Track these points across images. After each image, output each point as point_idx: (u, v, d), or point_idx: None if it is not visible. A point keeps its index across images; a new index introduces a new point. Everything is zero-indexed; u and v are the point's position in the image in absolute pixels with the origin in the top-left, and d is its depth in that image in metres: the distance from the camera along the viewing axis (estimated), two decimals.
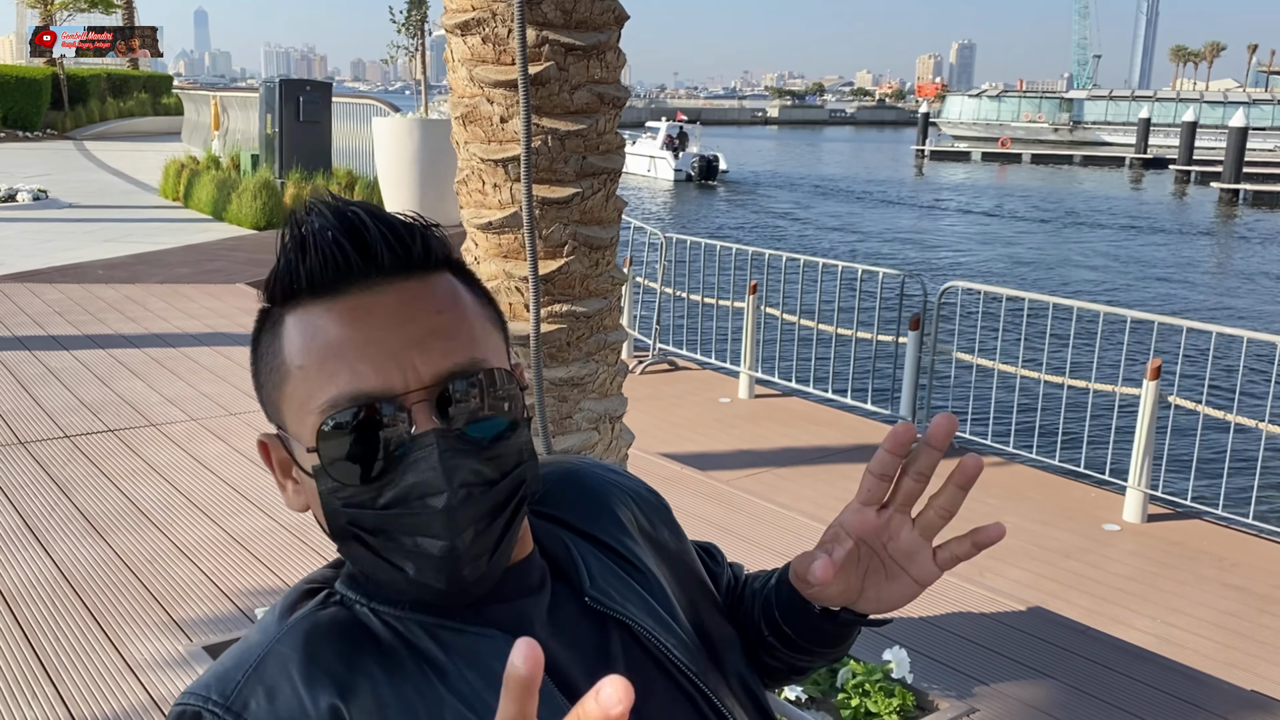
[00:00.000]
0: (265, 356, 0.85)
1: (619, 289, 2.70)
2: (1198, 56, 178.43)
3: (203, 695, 0.80)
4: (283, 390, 0.83)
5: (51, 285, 8.99)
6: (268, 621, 0.86)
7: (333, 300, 0.81)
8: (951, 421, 0.83)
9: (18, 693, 3.04)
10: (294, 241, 0.82)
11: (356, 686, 0.80)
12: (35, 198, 14.31)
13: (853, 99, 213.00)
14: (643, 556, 0.98)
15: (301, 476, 0.85)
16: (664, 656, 0.91)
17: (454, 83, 2.59)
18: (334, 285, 0.81)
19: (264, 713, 0.79)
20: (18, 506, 4.36)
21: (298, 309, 0.82)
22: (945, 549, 0.88)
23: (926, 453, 0.85)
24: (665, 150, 43.08)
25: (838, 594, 0.93)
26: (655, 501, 1.06)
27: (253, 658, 0.82)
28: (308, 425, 0.80)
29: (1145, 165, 58.93)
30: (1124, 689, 3.42)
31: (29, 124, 27.26)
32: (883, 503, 0.88)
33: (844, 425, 7.29)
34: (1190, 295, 21.31)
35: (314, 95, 13.71)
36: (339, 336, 0.80)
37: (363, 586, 0.87)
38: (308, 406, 0.80)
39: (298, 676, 0.80)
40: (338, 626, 0.84)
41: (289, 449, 0.85)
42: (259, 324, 0.87)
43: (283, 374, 0.82)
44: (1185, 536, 5.59)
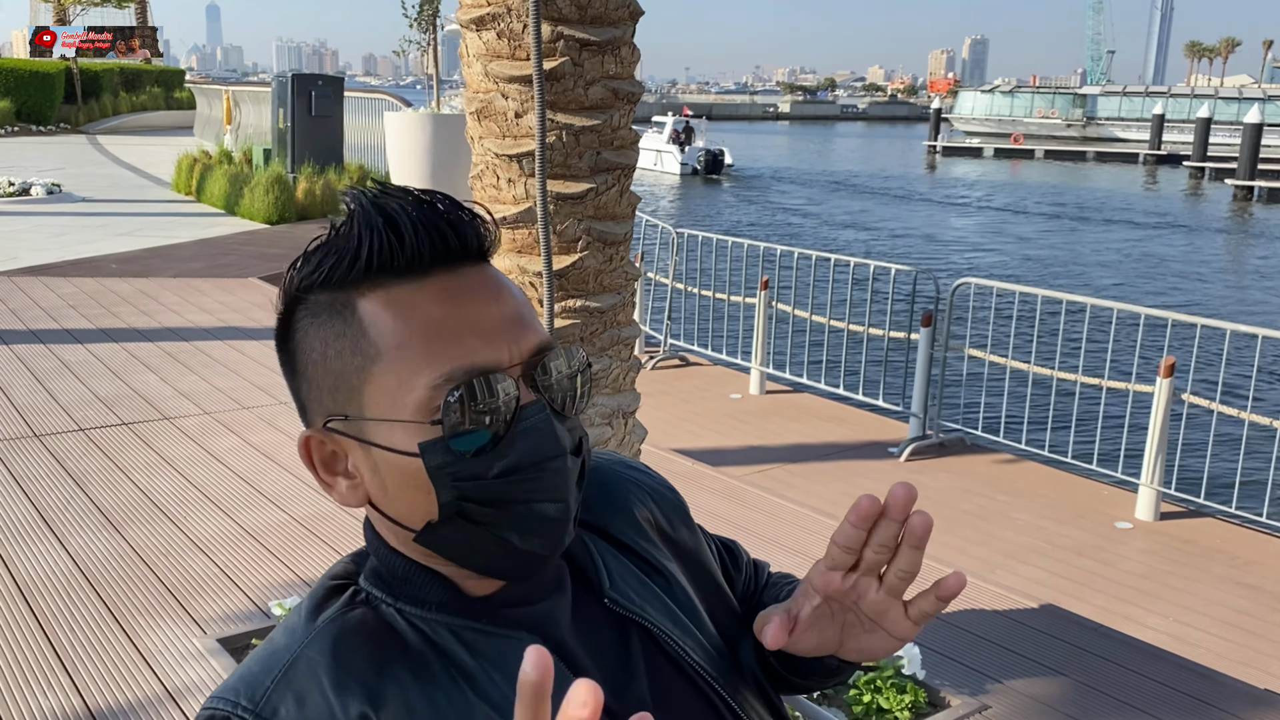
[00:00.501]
0: (332, 343, 0.81)
1: (632, 284, 2.70)
2: (1213, 52, 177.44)
3: (231, 700, 0.80)
4: (369, 372, 0.80)
5: (65, 279, 9.03)
6: (294, 623, 0.85)
7: (421, 281, 0.80)
8: (910, 491, 0.82)
9: (34, 683, 3.06)
10: (379, 221, 0.80)
11: (386, 693, 0.79)
12: (49, 192, 14.37)
13: (865, 94, 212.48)
14: (661, 558, 0.98)
15: (376, 465, 0.82)
16: (683, 660, 0.91)
17: (469, 78, 2.60)
18: (423, 267, 0.81)
19: (294, 719, 0.78)
20: (33, 499, 4.39)
21: (377, 290, 0.80)
22: (914, 606, 0.87)
23: (886, 525, 0.84)
24: (672, 144, 43.66)
25: (816, 645, 0.92)
26: (673, 499, 1.06)
27: (281, 662, 0.81)
28: (412, 402, 0.78)
29: (1159, 162, 58.67)
30: (1136, 687, 3.41)
31: (43, 118, 27.38)
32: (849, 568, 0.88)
33: (855, 422, 7.28)
34: (1204, 292, 21.22)
35: (326, 90, 13.73)
36: (442, 315, 0.80)
37: (388, 584, 0.86)
38: (413, 383, 0.78)
39: (327, 683, 0.79)
40: (366, 630, 0.83)
41: (361, 437, 0.82)
42: (299, 307, 0.83)
43: (370, 356, 0.80)
44: (1198, 534, 5.57)
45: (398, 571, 0.86)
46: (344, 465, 0.85)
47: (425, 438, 0.78)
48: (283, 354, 0.86)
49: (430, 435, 0.78)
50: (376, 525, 0.88)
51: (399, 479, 0.81)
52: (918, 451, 6.52)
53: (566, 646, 0.86)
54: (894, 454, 6.53)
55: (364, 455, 0.82)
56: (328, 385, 0.82)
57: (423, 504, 0.81)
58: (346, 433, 0.82)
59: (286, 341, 0.85)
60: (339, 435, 0.83)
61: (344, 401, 0.82)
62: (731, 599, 1.05)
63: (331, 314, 0.81)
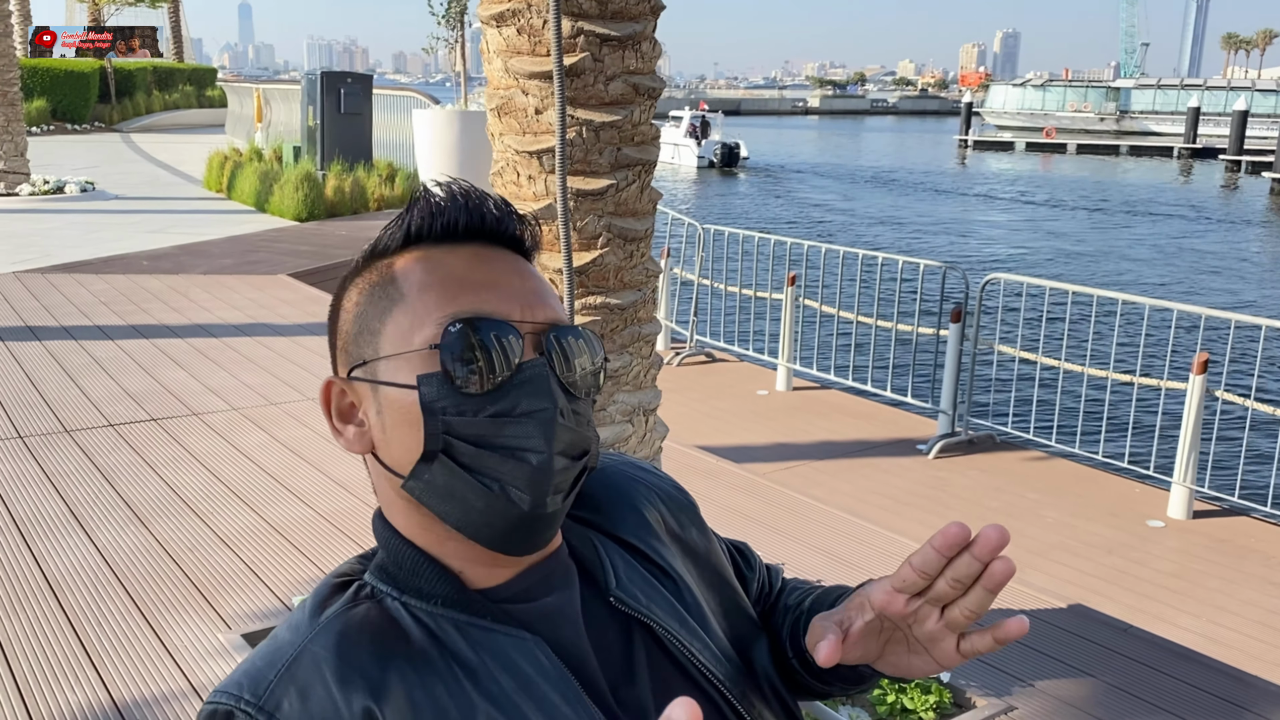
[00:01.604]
0: (365, 294, 0.88)
1: (654, 281, 2.69)
2: (1250, 44, 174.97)
3: (234, 694, 0.80)
4: (390, 314, 0.85)
5: (98, 276, 9.13)
6: (298, 619, 0.86)
7: (455, 246, 0.87)
8: (1004, 536, 0.81)
9: (61, 677, 3.09)
10: (439, 194, 0.88)
11: (390, 687, 0.80)
12: (83, 190, 14.54)
13: (895, 88, 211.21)
14: (670, 559, 0.97)
15: (380, 406, 0.85)
16: (688, 661, 0.90)
17: (489, 74, 2.59)
18: (462, 237, 0.88)
19: (297, 713, 0.78)
20: (63, 494, 4.44)
21: (415, 251, 0.87)
22: (968, 641, 0.86)
23: (969, 561, 0.82)
24: (688, 138, 44.52)
25: (856, 657, 0.91)
26: (683, 500, 1.05)
27: (285, 657, 0.82)
28: (420, 336, 0.83)
29: (1194, 155, 57.92)
30: (1167, 689, 3.36)
31: (78, 117, 27.72)
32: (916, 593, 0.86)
33: (883, 419, 7.23)
34: (1239, 288, 20.93)
35: (355, 87, 13.80)
36: (464, 271, 0.86)
37: (394, 578, 0.87)
38: (424, 320, 0.83)
39: (331, 677, 0.80)
40: (370, 625, 0.84)
41: (373, 379, 0.85)
42: (355, 277, 0.90)
43: (393, 300, 0.85)
44: (1232, 534, 5.49)
45: (404, 563, 0.87)
46: (358, 415, 0.88)
47: (425, 370, 0.82)
48: (330, 321, 0.93)
49: (430, 369, 0.82)
50: (384, 493, 0.89)
51: (396, 415, 0.84)
52: (946, 449, 6.47)
53: (568, 645, 0.86)
54: (922, 451, 6.48)
55: (373, 400, 0.86)
56: (354, 332, 0.87)
57: (410, 440, 0.83)
58: (362, 377, 0.86)
59: (335, 307, 0.92)
60: (357, 383, 0.87)
61: (364, 345, 0.86)
62: (744, 600, 1.04)
63: (372, 273, 0.88)
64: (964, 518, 0.88)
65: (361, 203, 13.27)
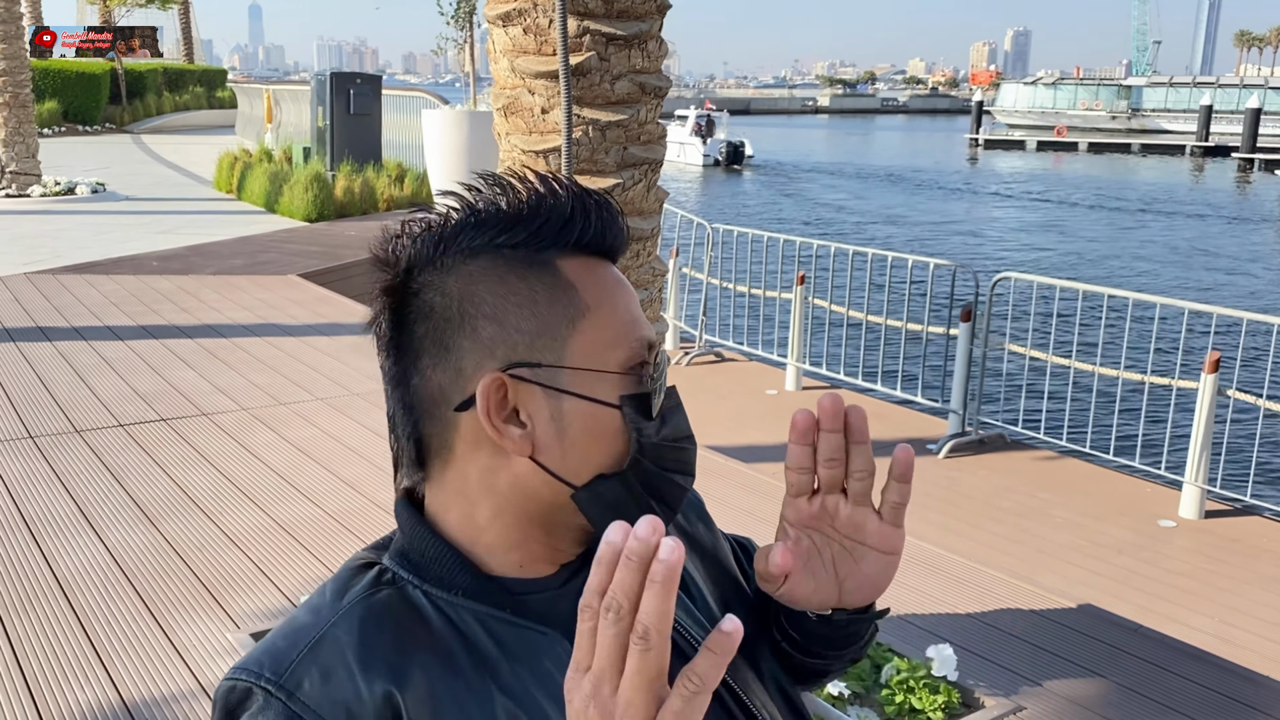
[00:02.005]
0: (541, 292, 0.85)
1: (660, 280, 2.68)
2: (1263, 41, 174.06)
3: (254, 672, 0.80)
4: (579, 325, 0.84)
5: (108, 276, 9.17)
6: (318, 602, 0.85)
7: (602, 262, 0.89)
8: (837, 401, 0.88)
9: (71, 676, 3.10)
10: (591, 203, 0.88)
11: (411, 675, 0.79)
12: (93, 190, 14.59)
13: (905, 87, 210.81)
14: (687, 565, 0.98)
15: (559, 414, 0.83)
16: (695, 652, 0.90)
17: (495, 74, 2.59)
18: (606, 251, 0.89)
19: (317, 693, 0.78)
20: (73, 494, 4.45)
21: (578, 258, 0.87)
22: (883, 504, 0.91)
23: (826, 438, 0.89)
24: (694, 136, 44.89)
25: (813, 593, 0.93)
26: (691, 496, 1.05)
27: (307, 639, 0.81)
28: (615, 359, 0.85)
29: (1207, 153, 57.65)
30: (1177, 689, 3.34)
31: (89, 118, 27.84)
32: (811, 490, 0.92)
33: (893, 418, 7.21)
34: (1252, 287, 20.82)
35: (364, 88, 13.83)
36: (623, 293, 0.88)
37: (415, 566, 0.86)
38: (620, 342, 0.85)
39: (353, 661, 0.79)
40: (392, 611, 0.83)
41: (553, 385, 0.83)
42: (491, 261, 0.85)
43: (580, 309, 0.85)
44: (1244, 533, 5.46)
45: (427, 551, 0.86)
46: (520, 417, 0.84)
47: (625, 391, 0.85)
48: (431, 297, 0.85)
49: (628, 390, 0.85)
50: (469, 486, 0.86)
51: (585, 428, 0.83)
52: (957, 448, 6.45)
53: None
54: (932, 451, 6.46)
55: (545, 404, 0.83)
56: (530, 330, 0.84)
57: (600, 455, 0.84)
58: (535, 380, 0.84)
59: (428, 289, 0.85)
60: (523, 382, 0.84)
61: (543, 349, 0.84)
62: (749, 597, 1.04)
63: (530, 267, 0.85)
64: (975, 517, 0.91)
65: (371, 203, 13.29)
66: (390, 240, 0.87)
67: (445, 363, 0.85)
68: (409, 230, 0.87)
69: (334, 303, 8.46)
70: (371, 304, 0.89)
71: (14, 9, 14.34)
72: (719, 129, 48.29)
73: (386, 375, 0.89)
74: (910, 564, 4.17)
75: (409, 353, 0.86)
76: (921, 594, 3.87)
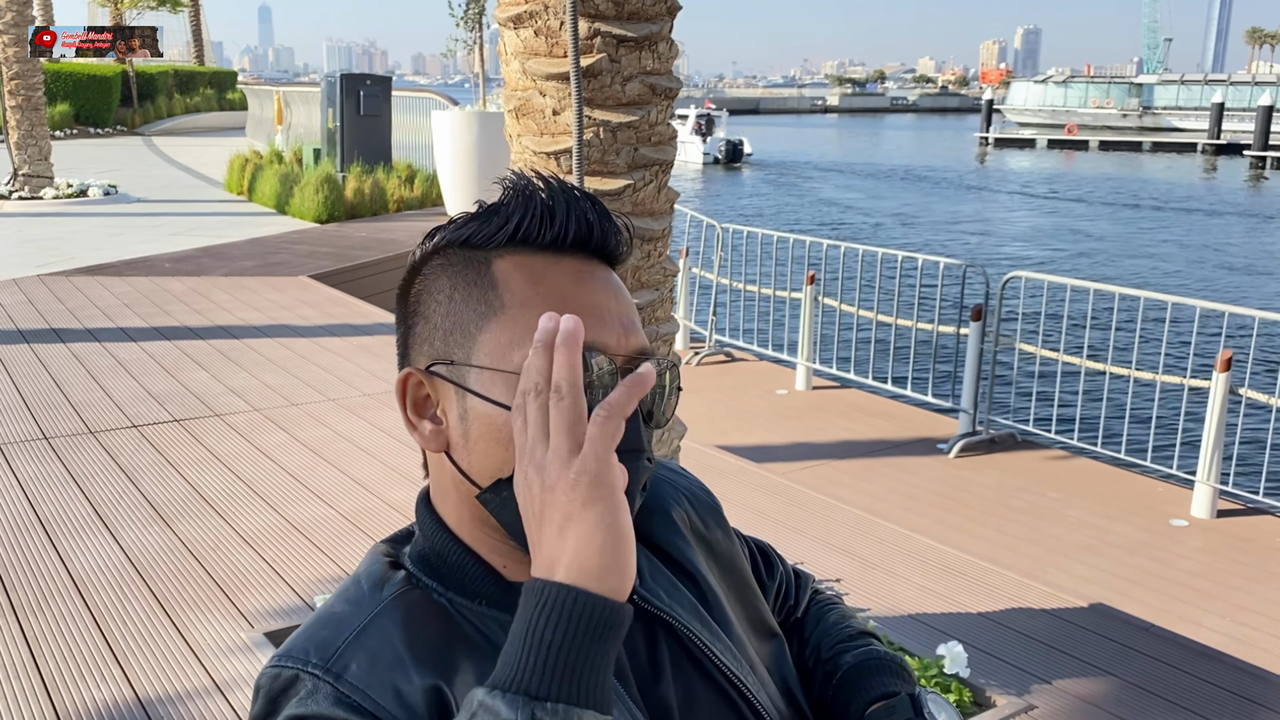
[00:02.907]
0: (461, 288, 0.85)
1: (671, 280, 2.69)
2: (1275, 38, 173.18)
3: (300, 659, 0.80)
4: (489, 322, 0.83)
5: (121, 278, 9.22)
6: (356, 594, 0.86)
7: (557, 258, 0.85)
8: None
9: (87, 674, 3.13)
10: (536, 197, 0.85)
11: (459, 668, 0.80)
12: (105, 193, 14.66)
13: (915, 86, 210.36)
14: (695, 561, 0.98)
15: (466, 413, 0.83)
16: (709, 661, 0.91)
17: (507, 76, 2.60)
18: (561, 247, 0.86)
19: (366, 674, 0.78)
20: (88, 495, 4.48)
21: (515, 256, 0.85)
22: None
23: None
24: (694, 135, 45.62)
25: None
26: (709, 501, 1.06)
27: (353, 626, 0.82)
28: (519, 358, 0.81)
29: (1218, 151, 57.37)
30: (1189, 688, 3.34)
31: (100, 121, 27.98)
32: None
33: (903, 418, 7.21)
34: (1265, 285, 20.73)
35: (374, 89, 13.86)
36: (569, 289, 0.84)
37: (438, 572, 0.87)
38: (525, 340, 0.81)
39: (402, 648, 0.80)
40: (433, 608, 0.84)
41: (460, 383, 0.84)
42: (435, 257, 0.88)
43: (494, 307, 0.83)
44: (1257, 533, 5.45)
45: (449, 558, 0.87)
46: (433, 410, 0.86)
47: None
48: (402, 300, 0.90)
49: None
50: (440, 481, 0.88)
51: (483, 429, 0.82)
52: (968, 448, 6.44)
53: None
54: (943, 450, 6.45)
55: (456, 402, 0.84)
56: (445, 327, 0.85)
57: (498, 459, 0.82)
58: (447, 377, 0.84)
59: (409, 288, 0.89)
60: (439, 379, 0.85)
61: (455, 346, 0.84)
62: (765, 606, 1.04)
63: (467, 266, 0.85)
64: (986, 517, 0.92)
65: (381, 204, 13.32)
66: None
67: (405, 355, 0.90)
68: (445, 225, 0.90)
69: (345, 304, 8.49)
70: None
71: (26, 13, 14.42)
72: (718, 128, 49.34)
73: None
74: (922, 563, 4.17)
75: (398, 338, 0.92)
76: (933, 593, 3.88)
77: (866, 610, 3.50)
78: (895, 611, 3.68)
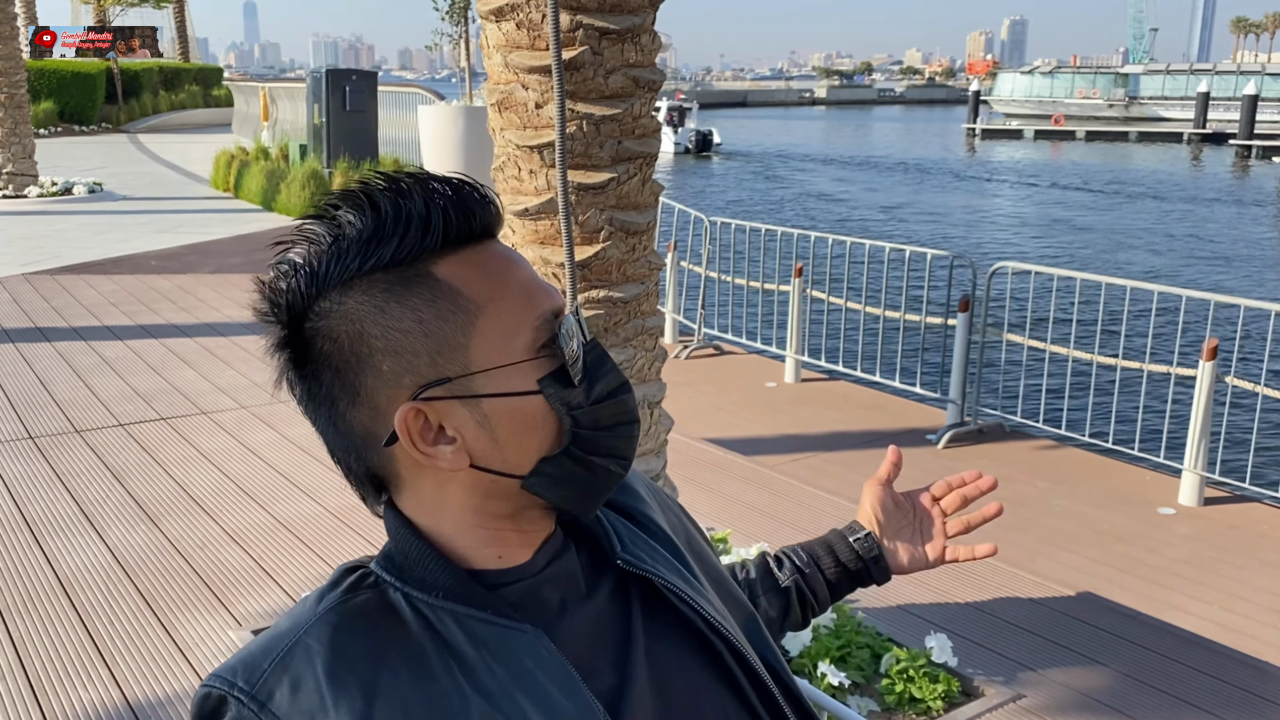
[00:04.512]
0: (424, 309, 0.81)
1: (656, 274, 2.68)
2: (1259, 28, 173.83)
3: (229, 680, 0.80)
4: (475, 327, 0.82)
5: (106, 276, 9.17)
6: (300, 609, 0.86)
7: (480, 247, 0.86)
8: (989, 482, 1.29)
9: (74, 675, 3.11)
10: (445, 197, 0.84)
11: (382, 688, 0.80)
12: (91, 190, 14.58)
13: (902, 78, 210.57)
14: (665, 527, 1.01)
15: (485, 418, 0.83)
16: (693, 611, 0.93)
17: (489, 69, 2.59)
18: (478, 236, 0.86)
19: (287, 705, 0.79)
20: (74, 494, 4.46)
21: (450, 257, 0.84)
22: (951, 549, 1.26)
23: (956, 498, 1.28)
24: (666, 126, 47.06)
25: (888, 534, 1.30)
26: (656, 486, 1.11)
27: (280, 647, 0.82)
28: (520, 345, 0.83)
29: (1204, 141, 57.58)
30: (1176, 675, 3.35)
31: (85, 118, 27.79)
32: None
33: (892, 409, 7.22)
34: (1250, 273, 20.82)
35: (359, 84, 13.79)
36: (512, 271, 0.86)
37: (400, 568, 0.87)
38: (518, 328, 0.83)
39: (321, 673, 0.80)
40: (367, 616, 0.84)
41: (467, 394, 0.82)
42: (358, 298, 0.82)
43: (471, 312, 0.82)
44: (1243, 520, 5.47)
45: (410, 553, 0.86)
46: (447, 434, 0.84)
47: (540, 374, 0.84)
48: (314, 359, 0.84)
49: (544, 371, 0.84)
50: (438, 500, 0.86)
51: (514, 423, 0.83)
52: (956, 438, 6.45)
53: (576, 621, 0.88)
54: (932, 441, 6.46)
55: (467, 414, 0.83)
56: (427, 351, 0.82)
57: (536, 442, 0.84)
58: (449, 395, 0.83)
59: (317, 341, 0.83)
60: (438, 401, 0.83)
61: (446, 363, 0.82)
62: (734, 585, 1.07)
63: (406, 287, 0.82)
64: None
65: None
66: (267, 291, 0.85)
67: (360, 404, 0.84)
68: (282, 277, 0.84)
69: None
70: (271, 360, 0.87)
71: (8, 9, 14.32)
72: (689, 119, 51.64)
73: (312, 423, 0.88)
74: None
75: (325, 402, 0.85)
76: (921, 584, 3.88)
77: (855, 601, 3.50)
78: (883, 602, 3.69)
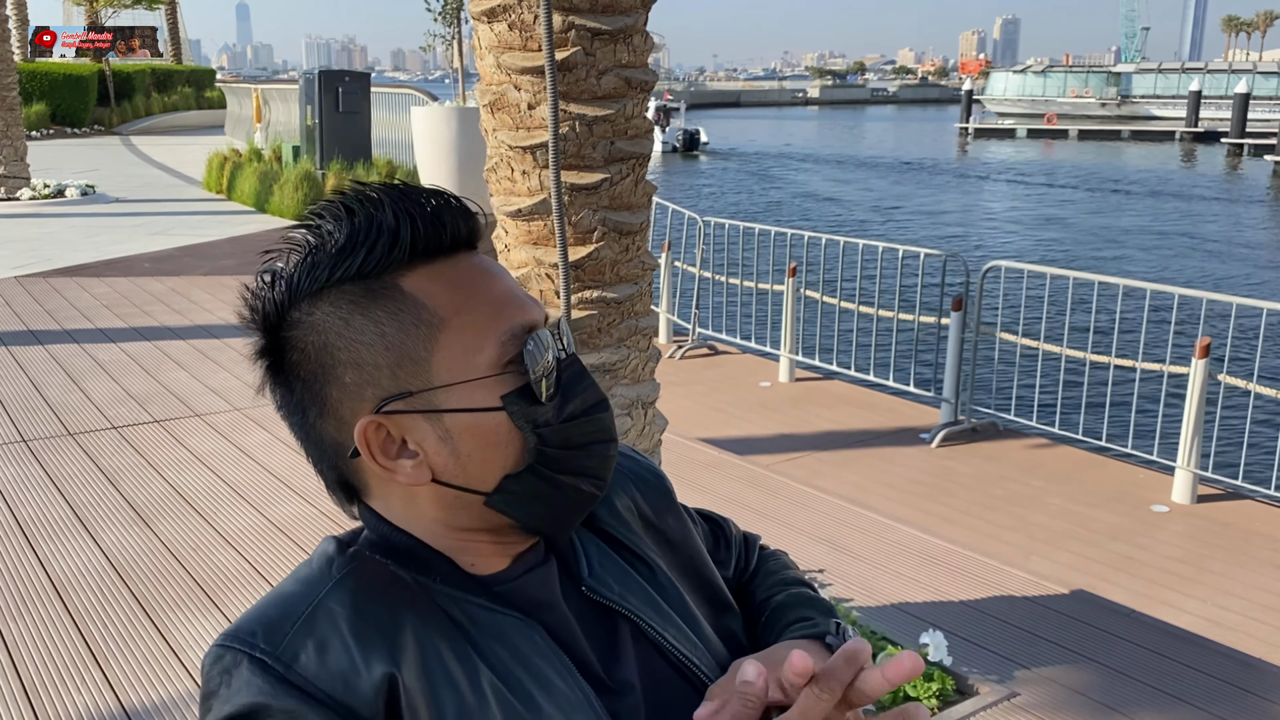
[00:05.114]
0: (387, 321, 0.82)
1: (650, 274, 2.69)
2: (1250, 26, 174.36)
3: (248, 641, 0.78)
4: (438, 340, 0.82)
5: (99, 279, 9.15)
6: (306, 574, 0.84)
7: (451, 260, 0.85)
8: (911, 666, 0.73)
9: (68, 678, 3.11)
10: (416, 209, 0.83)
11: (406, 647, 0.79)
12: (83, 193, 14.55)
13: (895, 77, 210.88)
14: (644, 548, 0.97)
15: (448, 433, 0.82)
16: (666, 647, 0.90)
17: (482, 70, 2.59)
18: (451, 248, 0.85)
19: (314, 666, 0.77)
20: (67, 497, 4.45)
21: (417, 270, 0.83)
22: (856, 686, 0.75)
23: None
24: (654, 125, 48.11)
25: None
26: (659, 486, 1.05)
27: (300, 610, 0.80)
28: (484, 361, 0.82)
29: (1196, 139, 57.75)
30: (1170, 673, 3.36)
31: (77, 120, 27.72)
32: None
33: (886, 408, 7.22)
34: (1242, 271, 20.88)
35: (353, 86, 13.78)
36: (484, 285, 0.85)
37: (393, 554, 0.86)
38: (483, 343, 0.82)
39: (349, 634, 0.78)
40: (382, 579, 0.83)
41: (429, 409, 0.82)
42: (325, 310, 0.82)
43: (434, 325, 0.82)
44: (1236, 517, 5.48)
45: (399, 545, 0.86)
46: (408, 448, 0.83)
47: (504, 390, 0.82)
48: (286, 367, 0.85)
49: (508, 387, 0.82)
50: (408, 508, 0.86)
51: (476, 439, 0.82)
52: (950, 437, 6.46)
53: (558, 626, 0.86)
54: (926, 440, 6.47)
55: (429, 428, 0.82)
56: (388, 364, 0.82)
57: (499, 459, 0.83)
58: (410, 409, 0.82)
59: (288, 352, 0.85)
60: (399, 415, 0.82)
61: (408, 377, 0.82)
62: (719, 580, 1.03)
63: (372, 299, 0.82)
64: (968, 505, 0.94)
65: None
66: (249, 298, 0.86)
67: (327, 415, 0.85)
68: (262, 286, 0.85)
69: None
70: (254, 366, 0.88)
71: (0, 11, 14.28)
72: (676, 119, 52.93)
73: (289, 429, 0.89)
74: (904, 552, 4.18)
75: (296, 410, 0.87)
76: (915, 582, 3.89)
77: (850, 600, 3.51)
78: (878, 601, 3.70)
